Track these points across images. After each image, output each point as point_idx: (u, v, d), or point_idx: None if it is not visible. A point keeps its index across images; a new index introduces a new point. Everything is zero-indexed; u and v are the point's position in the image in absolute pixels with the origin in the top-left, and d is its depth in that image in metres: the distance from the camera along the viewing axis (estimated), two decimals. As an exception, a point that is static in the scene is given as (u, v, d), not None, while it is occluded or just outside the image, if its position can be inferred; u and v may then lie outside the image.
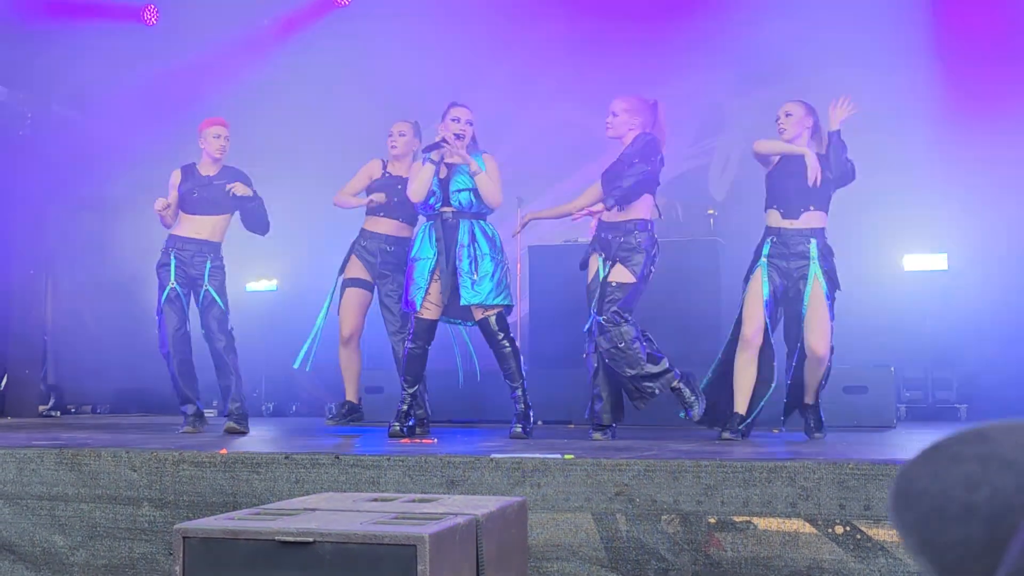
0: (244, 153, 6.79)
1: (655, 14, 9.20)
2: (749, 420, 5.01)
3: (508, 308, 5.38)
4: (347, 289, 6.11)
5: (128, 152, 9.20)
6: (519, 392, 5.27)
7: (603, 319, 5.01)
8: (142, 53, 9.28)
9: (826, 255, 5.12)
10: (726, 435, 4.89)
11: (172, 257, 5.95)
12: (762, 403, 5.07)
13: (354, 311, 6.10)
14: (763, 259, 5.07)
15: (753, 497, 3.33)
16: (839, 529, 3.24)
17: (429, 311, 5.34)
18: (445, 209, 5.32)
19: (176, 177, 6.13)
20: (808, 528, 3.28)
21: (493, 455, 3.66)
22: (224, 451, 3.94)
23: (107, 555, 3.88)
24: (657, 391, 5.02)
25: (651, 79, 9.39)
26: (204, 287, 5.90)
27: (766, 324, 4.99)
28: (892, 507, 0.64)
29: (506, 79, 9.70)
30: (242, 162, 6.27)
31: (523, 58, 9.56)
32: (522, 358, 5.48)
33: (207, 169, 6.04)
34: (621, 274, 5.08)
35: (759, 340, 5.00)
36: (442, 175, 5.32)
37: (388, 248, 6.07)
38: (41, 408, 8.72)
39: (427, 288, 5.29)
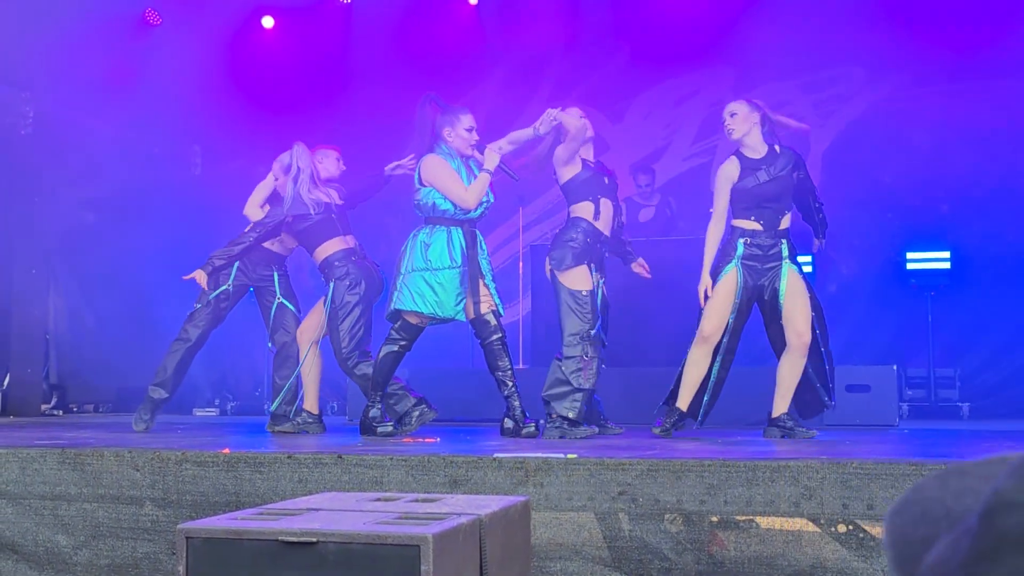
0: (248, 153, 6.83)
1: (655, 13, 9.19)
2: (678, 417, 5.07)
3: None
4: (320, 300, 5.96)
5: (130, 151, 9.21)
6: (515, 389, 5.24)
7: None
8: (144, 53, 9.29)
9: (794, 247, 5.06)
10: (656, 430, 5.03)
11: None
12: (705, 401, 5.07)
13: (311, 317, 5.89)
14: (736, 260, 5.01)
15: (756, 496, 3.33)
16: (842, 528, 3.24)
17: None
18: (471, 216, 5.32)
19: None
20: (811, 527, 3.28)
21: (496, 455, 3.66)
22: (227, 450, 3.94)
23: (110, 555, 3.88)
24: None
25: (652, 78, 9.40)
26: (277, 299, 5.94)
27: (729, 324, 4.96)
28: (892, 509, 0.66)
29: (506, 77, 9.69)
30: (246, 161, 6.28)
31: (523, 56, 9.56)
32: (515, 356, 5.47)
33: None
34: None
35: (717, 338, 4.99)
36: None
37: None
38: (43, 407, 8.72)
39: (466, 295, 5.21)
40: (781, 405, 5.00)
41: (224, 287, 5.92)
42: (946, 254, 8.04)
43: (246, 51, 9.94)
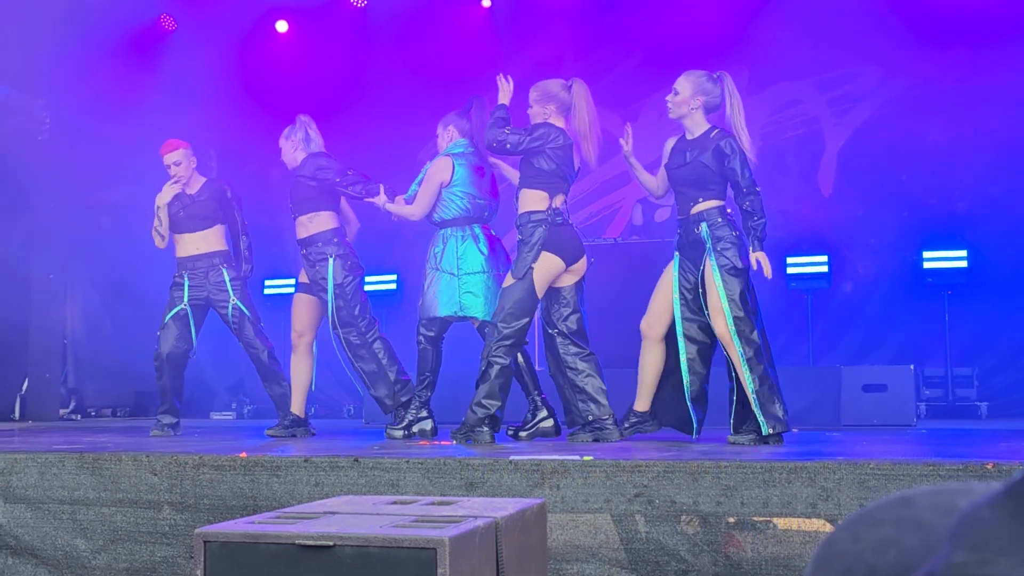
0: (262, 157, 6.84)
1: (668, 12, 9.17)
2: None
3: None
4: (296, 294, 5.92)
5: (145, 157, 9.25)
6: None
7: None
8: (159, 58, 9.33)
9: (720, 235, 4.73)
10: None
11: (185, 278, 5.97)
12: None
13: (299, 314, 5.83)
14: (675, 251, 4.92)
15: (773, 498, 3.32)
16: (860, 529, 3.23)
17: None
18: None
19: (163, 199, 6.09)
20: (828, 528, 3.26)
21: (512, 457, 3.66)
22: (244, 454, 3.95)
23: (128, 559, 3.90)
24: None
25: (665, 78, 9.37)
26: (232, 302, 5.91)
27: (672, 318, 4.75)
28: (809, 570, 0.64)
29: (519, 80, 9.69)
30: (257, 165, 6.31)
31: (537, 59, 9.56)
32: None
33: (191, 188, 6.10)
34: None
35: (653, 332, 4.82)
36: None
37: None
38: (62, 412, 8.77)
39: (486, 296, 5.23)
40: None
41: (179, 307, 5.92)
42: (963, 253, 7.99)
43: (260, 56, 9.97)
